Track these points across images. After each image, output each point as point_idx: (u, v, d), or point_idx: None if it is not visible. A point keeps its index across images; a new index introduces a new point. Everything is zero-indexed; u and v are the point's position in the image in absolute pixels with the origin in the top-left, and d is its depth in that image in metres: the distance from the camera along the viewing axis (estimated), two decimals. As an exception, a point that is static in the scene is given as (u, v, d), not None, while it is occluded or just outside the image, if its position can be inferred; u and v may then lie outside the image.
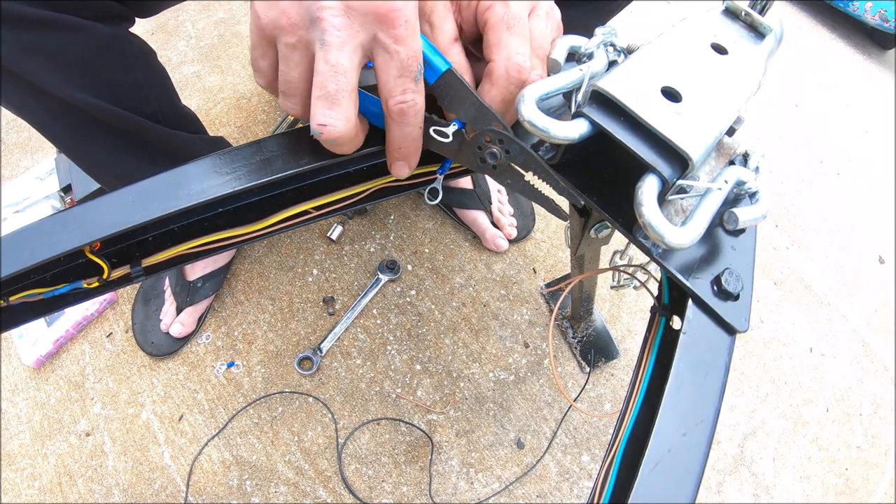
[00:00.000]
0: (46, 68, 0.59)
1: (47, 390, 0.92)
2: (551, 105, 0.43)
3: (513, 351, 0.98)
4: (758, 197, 0.42)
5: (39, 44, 0.57)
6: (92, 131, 0.67)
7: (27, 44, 0.56)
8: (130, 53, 0.66)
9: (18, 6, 0.53)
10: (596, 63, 0.40)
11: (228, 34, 1.48)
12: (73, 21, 0.58)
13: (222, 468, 0.85)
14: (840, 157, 1.46)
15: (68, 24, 0.57)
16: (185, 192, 0.38)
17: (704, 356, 0.36)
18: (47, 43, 0.57)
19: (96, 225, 0.37)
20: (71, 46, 0.59)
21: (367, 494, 0.84)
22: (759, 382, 0.99)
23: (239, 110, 1.31)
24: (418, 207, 1.15)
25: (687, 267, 0.38)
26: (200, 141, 0.80)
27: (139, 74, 0.68)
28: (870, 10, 1.81)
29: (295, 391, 0.92)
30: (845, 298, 1.13)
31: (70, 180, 1.10)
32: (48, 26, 0.56)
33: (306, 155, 0.40)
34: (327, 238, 1.09)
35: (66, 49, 0.59)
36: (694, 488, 0.32)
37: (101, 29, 0.61)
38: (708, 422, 0.34)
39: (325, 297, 1.02)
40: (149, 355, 0.94)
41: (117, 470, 0.85)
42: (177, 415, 0.90)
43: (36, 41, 0.56)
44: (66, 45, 0.58)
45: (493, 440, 0.89)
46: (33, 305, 0.41)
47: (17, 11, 0.53)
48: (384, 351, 0.97)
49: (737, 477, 0.90)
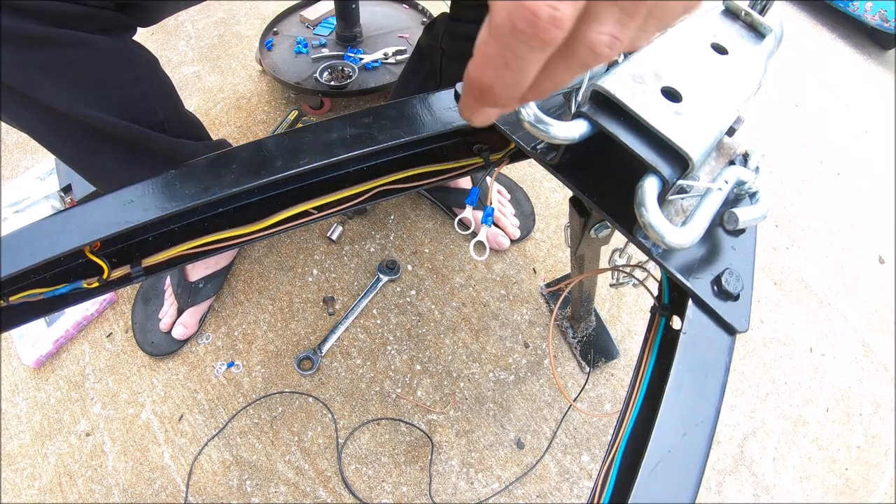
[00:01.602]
0: (52, 86, 0.58)
1: (47, 390, 0.92)
2: (551, 105, 0.43)
3: (513, 351, 0.98)
4: (758, 197, 0.42)
5: (44, 61, 0.56)
6: (99, 145, 0.67)
7: (32, 62, 0.55)
8: (135, 64, 0.66)
9: (21, 24, 0.52)
10: (596, 63, 0.40)
11: (228, 34, 1.48)
12: (76, 36, 0.57)
13: (222, 468, 0.85)
14: (840, 157, 1.46)
15: (72, 39, 0.57)
16: (185, 192, 0.38)
17: (704, 356, 0.36)
18: (52, 60, 0.56)
19: (96, 225, 0.37)
20: (76, 62, 0.58)
21: (367, 494, 0.84)
22: (759, 382, 0.99)
23: (239, 110, 1.31)
24: (418, 207, 1.15)
25: (687, 267, 0.38)
26: (205, 147, 0.80)
27: (145, 85, 0.68)
28: (870, 10, 1.81)
29: (295, 391, 0.92)
30: (845, 298, 1.13)
31: (70, 180, 1.10)
32: (52, 43, 0.55)
33: (306, 155, 0.40)
34: (327, 238, 1.09)
35: (71, 65, 0.58)
36: (694, 488, 0.32)
37: (106, 42, 0.60)
38: (708, 422, 0.34)
39: (325, 297, 1.02)
40: (149, 355, 0.94)
41: (117, 470, 0.85)
42: (177, 415, 0.90)
43: (41, 59, 0.56)
44: (71, 61, 0.58)
45: (493, 440, 0.89)
46: (33, 305, 0.41)
47: (21, 29, 0.52)
48: (384, 351, 0.97)
49: (737, 477, 0.90)
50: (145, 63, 0.68)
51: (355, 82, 1.22)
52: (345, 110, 1.32)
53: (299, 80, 1.22)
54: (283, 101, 1.32)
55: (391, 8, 1.42)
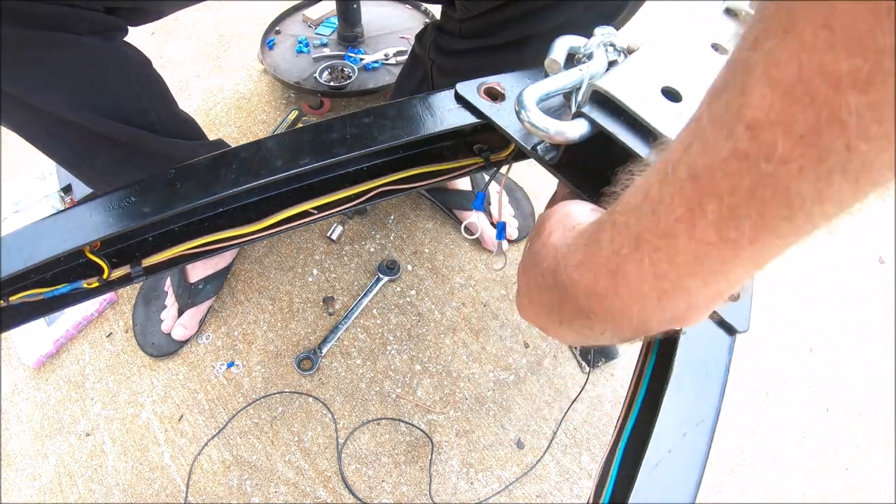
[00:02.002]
0: (43, 88, 0.58)
1: (47, 390, 0.92)
2: (551, 105, 0.43)
3: (513, 351, 0.98)
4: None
5: (35, 64, 0.56)
6: (92, 146, 0.67)
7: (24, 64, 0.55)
8: (127, 66, 0.66)
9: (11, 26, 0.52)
10: (596, 63, 0.40)
11: (229, 34, 1.48)
12: (68, 38, 0.57)
13: (222, 468, 0.85)
14: (840, 158, 1.46)
15: (63, 41, 0.57)
16: (185, 192, 0.38)
17: (704, 356, 0.36)
18: (43, 63, 0.56)
19: (96, 225, 0.37)
20: (67, 64, 0.58)
21: (367, 494, 0.84)
22: (759, 382, 0.99)
23: (239, 110, 1.31)
24: (418, 207, 1.15)
25: (687, 267, 0.38)
26: (201, 147, 0.80)
27: (136, 86, 0.68)
28: (870, 10, 1.81)
29: (295, 391, 0.92)
30: (845, 298, 1.13)
31: (70, 180, 1.10)
32: (44, 45, 0.55)
33: (306, 155, 0.40)
34: (327, 238, 1.09)
35: (62, 68, 0.58)
36: (694, 488, 0.32)
37: (97, 43, 0.60)
38: (708, 422, 0.34)
39: (325, 297, 1.02)
40: (149, 356, 0.94)
41: (117, 470, 0.85)
42: (177, 415, 0.90)
43: (31, 62, 0.56)
44: (62, 63, 0.58)
45: (493, 440, 0.89)
46: (33, 305, 0.41)
47: (11, 32, 0.52)
48: (384, 351, 0.97)
49: (737, 477, 0.90)
50: (137, 64, 0.68)
51: (355, 83, 1.22)
52: (345, 110, 1.32)
53: (299, 80, 1.22)
54: (283, 101, 1.32)
55: (393, 8, 1.42)
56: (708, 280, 0.22)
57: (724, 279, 0.22)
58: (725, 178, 0.19)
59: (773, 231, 0.19)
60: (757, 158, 0.17)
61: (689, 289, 0.22)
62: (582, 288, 0.26)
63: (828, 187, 0.17)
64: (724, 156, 0.18)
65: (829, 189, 0.17)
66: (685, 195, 0.20)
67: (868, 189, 0.17)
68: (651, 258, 0.22)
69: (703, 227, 0.20)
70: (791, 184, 0.17)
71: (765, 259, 0.21)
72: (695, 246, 0.20)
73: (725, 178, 0.19)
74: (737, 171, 0.18)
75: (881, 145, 0.15)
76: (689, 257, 0.21)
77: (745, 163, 0.18)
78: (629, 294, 0.23)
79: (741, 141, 0.18)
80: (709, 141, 0.19)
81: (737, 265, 0.21)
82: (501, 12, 0.69)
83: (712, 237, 0.20)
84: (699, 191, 0.19)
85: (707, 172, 0.19)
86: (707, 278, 0.22)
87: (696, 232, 0.20)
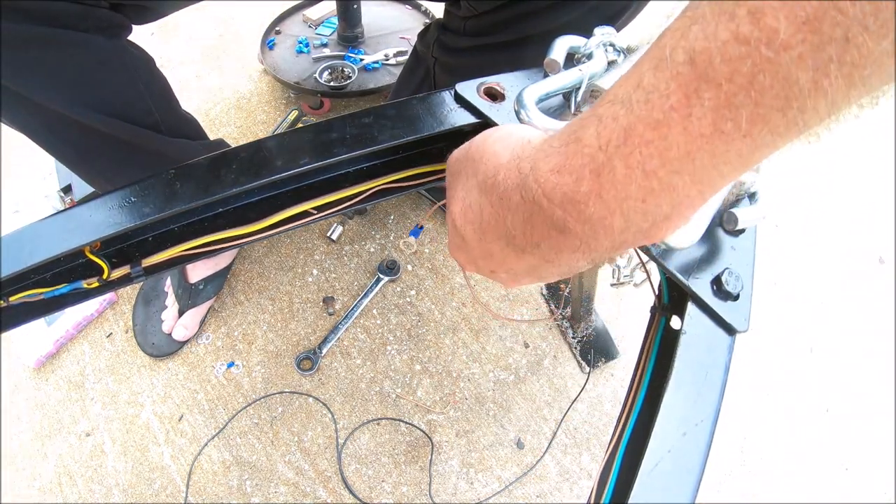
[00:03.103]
0: (47, 85, 0.58)
1: (47, 390, 0.92)
2: (551, 105, 0.43)
3: (513, 351, 0.98)
4: (757, 197, 0.42)
5: (40, 62, 0.56)
6: (94, 145, 0.67)
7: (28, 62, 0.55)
8: (131, 65, 0.66)
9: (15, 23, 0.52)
10: (595, 63, 0.40)
11: (229, 34, 1.48)
12: (72, 36, 0.57)
13: (222, 468, 0.85)
14: (840, 157, 1.46)
15: (68, 39, 0.57)
16: (185, 192, 0.38)
17: (704, 356, 0.36)
18: (48, 61, 0.56)
19: (96, 225, 0.37)
20: (72, 63, 0.58)
21: (367, 494, 0.84)
22: (759, 382, 0.99)
23: (239, 110, 1.31)
24: (418, 207, 1.15)
25: (687, 267, 0.38)
26: (202, 147, 0.80)
27: (140, 85, 0.68)
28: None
29: (295, 391, 0.92)
30: (845, 298, 1.13)
31: (70, 180, 1.10)
32: (46, 43, 0.55)
33: (306, 155, 0.40)
34: (327, 238, 1.09)
35: (67, 66, 0.58)
36: (694, 488, 0.32)
37: (101, 42, 0.60)
38: (708, 422, 0.34)
39: (325, 297, 1.02)
40: (149, 356, 0.94)
41: (117, 470, 0.85)
42: (177, 415, 0.90)
43: (37, 59, 0.56)
44: (67, 61, 0.58)
45: (493, 440, 0.89)
46: (33, 305, 0.41)
47: (17, 30, 0.52)
48: (384, 351, 0.97)
49: (737, 477, 0.90)
50: (141, 63, 0.68)
51: (355, 83, 1.22)
52: (344, 111, 1.32)
53: (299, 80, 1.22)
54: (283, 101, 1.32)
55: (394, 9, 1.42)
56: (695, 177, 0.21)
57: (710, 178, 0.21)
58: (724, 63, 0.18)
59: (767, 124, 0.19)
60: (758, 43, 0.17)
61: (675, 187, 0.21)
62: (559, 195, 0.24)
63: (824, 78, 0.17)
64: (725, 39, 0.18)
65: (825, 80, 0.17)
66: (682, 80, 0.19)
67: (860, 89, 0.18)
68: (642, 152, 0.21)
69: (699, 115, 0.19)
70: (791, 70, 0.17)
71: (752, 157, 0.20)
72: (688, 139, 0.20)
73: (724, 63, 0.18)
74: (737, 56, 0.18)
75: (876, 38, 0.16)
76: (681, 152, 0.20)
77: (745, 47, 0.18)
78: (614, 196, 0.22)
79: (743, 24, 0.18)
80: (709, 25, 0.19)
81: (727, 160, 0.20)
82: (506, 11, 0.69)
83: (707, 128, 0.19)
84: (697, 76, 0.19)
85: (706, 57, 0.19)
86: (695, 175, 0.21)
87: (692, 122, 0.20)
